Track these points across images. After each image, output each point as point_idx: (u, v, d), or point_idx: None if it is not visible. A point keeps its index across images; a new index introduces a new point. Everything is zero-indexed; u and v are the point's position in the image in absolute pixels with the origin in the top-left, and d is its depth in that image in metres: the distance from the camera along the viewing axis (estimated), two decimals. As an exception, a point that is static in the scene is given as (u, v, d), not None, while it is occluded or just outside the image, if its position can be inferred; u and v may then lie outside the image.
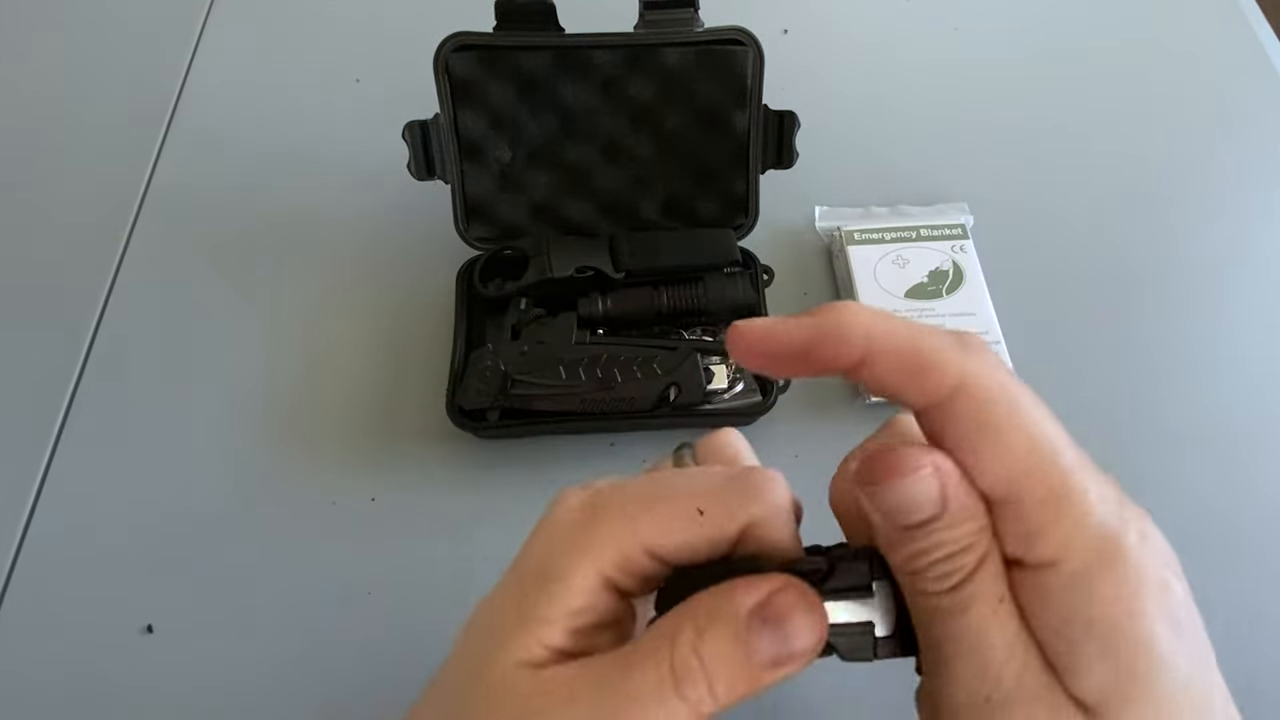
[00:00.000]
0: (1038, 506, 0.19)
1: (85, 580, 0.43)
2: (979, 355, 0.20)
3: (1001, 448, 0.19)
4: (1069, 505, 0.19)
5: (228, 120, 0.60)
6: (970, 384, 0.20)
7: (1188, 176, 0.58)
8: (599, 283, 0.48)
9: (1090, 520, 0.19)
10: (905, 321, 0.21)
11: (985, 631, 0.19)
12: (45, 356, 0.50)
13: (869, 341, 0.20)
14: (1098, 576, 0.19)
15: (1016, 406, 0.20)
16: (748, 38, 0.45)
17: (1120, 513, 0.19)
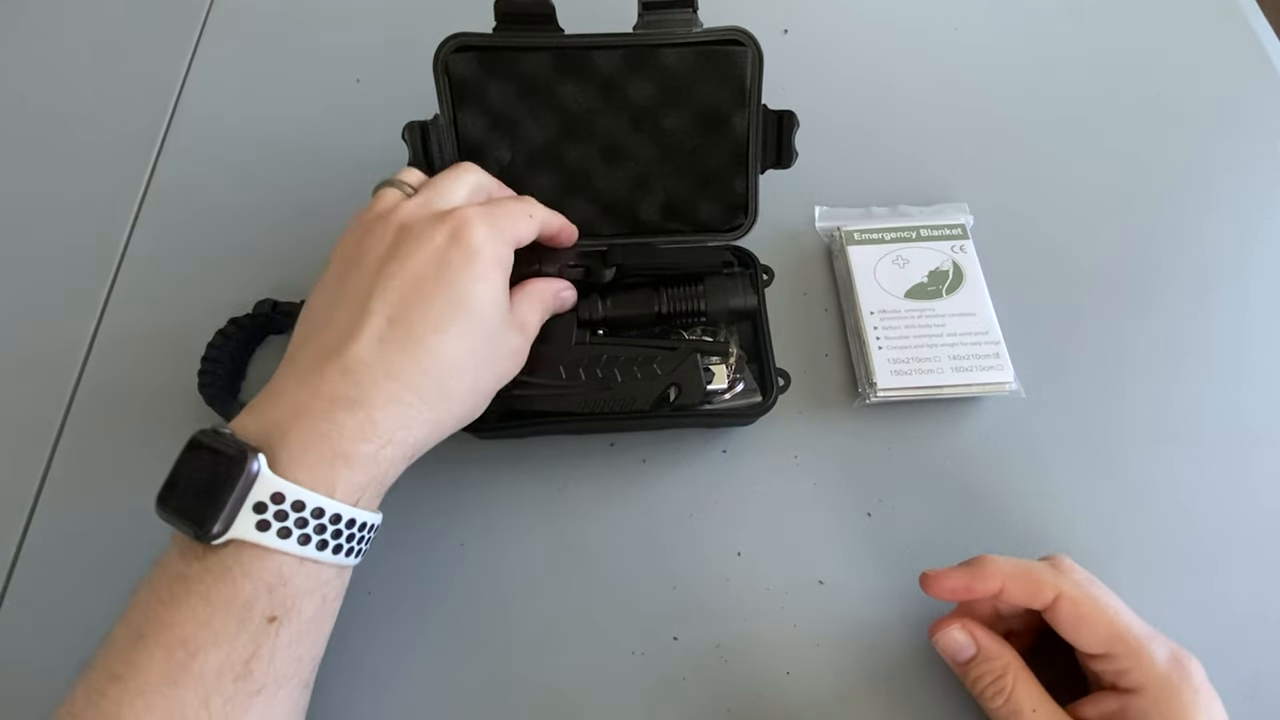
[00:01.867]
0: (1121, 659, 0.35)
1: (86, 580, 0.43)
2: (1068, 574, 0.37)
3: (1091, 627, 0.35)
4: (1139, 658, 0.34)
5: (228, 120, 0.60)
6: (1064, 593, 0.36)
7: (1188, 176, 0.58)
8: (599, 283, 0.48)
9: (1155, 667, 0.34)
10: (1021, 561, 0.37)
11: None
12: (46, 356, 0.50)
13: (1003, 578, 0.36)
14: (1164, 699, 0.34)
15: (1096, 603, 0.36)
16: (747, 38, 0.45)
17: (1170, 657, 0.35)
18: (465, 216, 0.37)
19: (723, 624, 0.42)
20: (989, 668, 0.36)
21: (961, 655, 0.37)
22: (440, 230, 0.36)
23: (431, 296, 0.35)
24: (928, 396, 0.47)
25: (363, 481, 0.33)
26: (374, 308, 0.34)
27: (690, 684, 0.40)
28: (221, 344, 0.48)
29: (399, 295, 0.35)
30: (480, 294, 0.36)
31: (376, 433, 0.33)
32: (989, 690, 0.36)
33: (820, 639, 0.42)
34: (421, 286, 0.35)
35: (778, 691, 0.40)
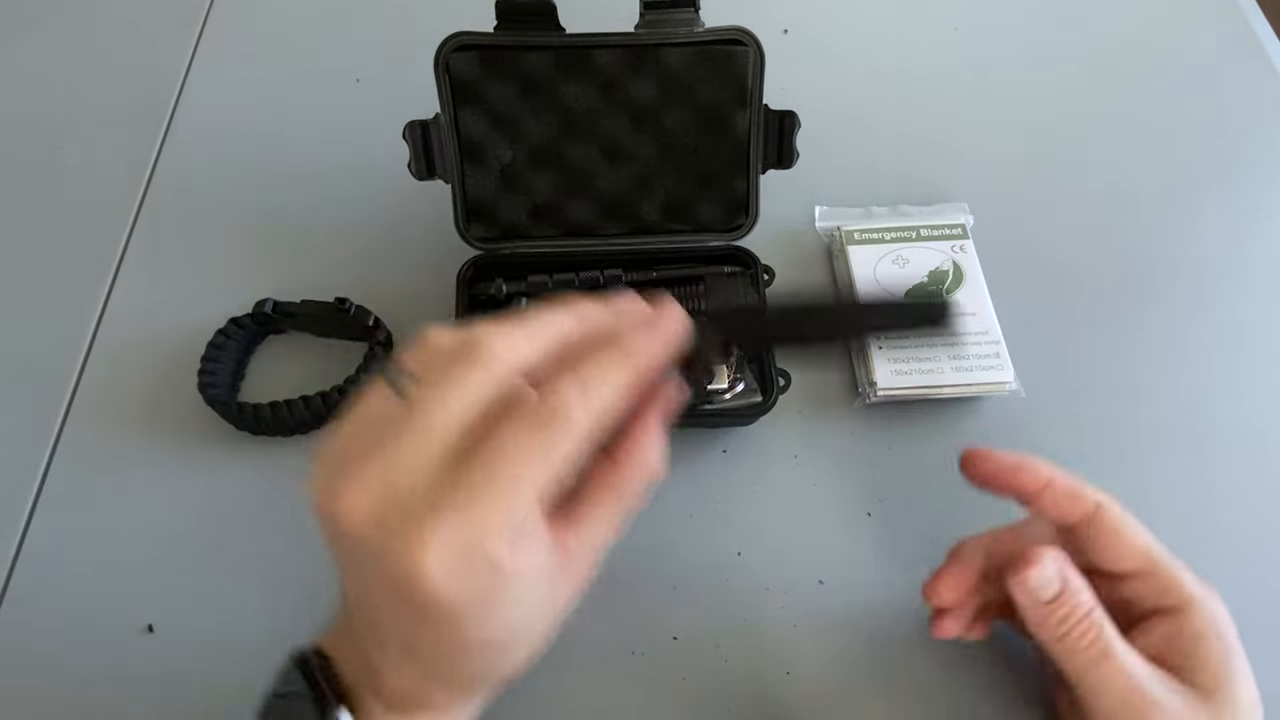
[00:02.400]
0: (1162, 573, 0.33)
1: (85, 580, 0.43)
2: (1102, 492, 0.34)
3: (1130, 539, 0.33)
4: (1178, 570, 0.33)
5: (228, 120, 0.60)
6: (1104, 504, 0.34)
7: (1188, 176, 0.58)
8: (599, 283, 0.48)
9: (1192, 578, 0.33)
10: (1060, 470, 0.34)
11: (1131, 663, 0.31)
12: (46, 356, 0.50)
13: (1051, 477, 0.34)
14: (1211, 609, 0.33)
15: (1130, 518, 0.34)
16: (748, 38, 0.45)
17: (1198, 581, 0.34)
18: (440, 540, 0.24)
19: (723, 624, 0.42)
20: (1077, 604, 0.31)
21: (1048, 591, 0.32)
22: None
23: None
24: (928, 396, 0.47)
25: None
26: (384, 640, 0.28)
27: (690, 684, 0.40)
28: (221, 344, 0.48)
29: (396, 627, 0.27)
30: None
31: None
32: (1076, 631, 0.31)
33: (820, 639, 0.42)
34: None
35: (778, 691, 0.40)
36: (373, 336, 0.48)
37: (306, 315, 0.49)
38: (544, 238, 0.50)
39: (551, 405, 0.25)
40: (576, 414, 0.25)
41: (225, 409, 0.45)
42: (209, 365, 0.47)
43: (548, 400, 0.25)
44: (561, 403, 0.25)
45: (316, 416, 0.46)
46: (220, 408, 0.45)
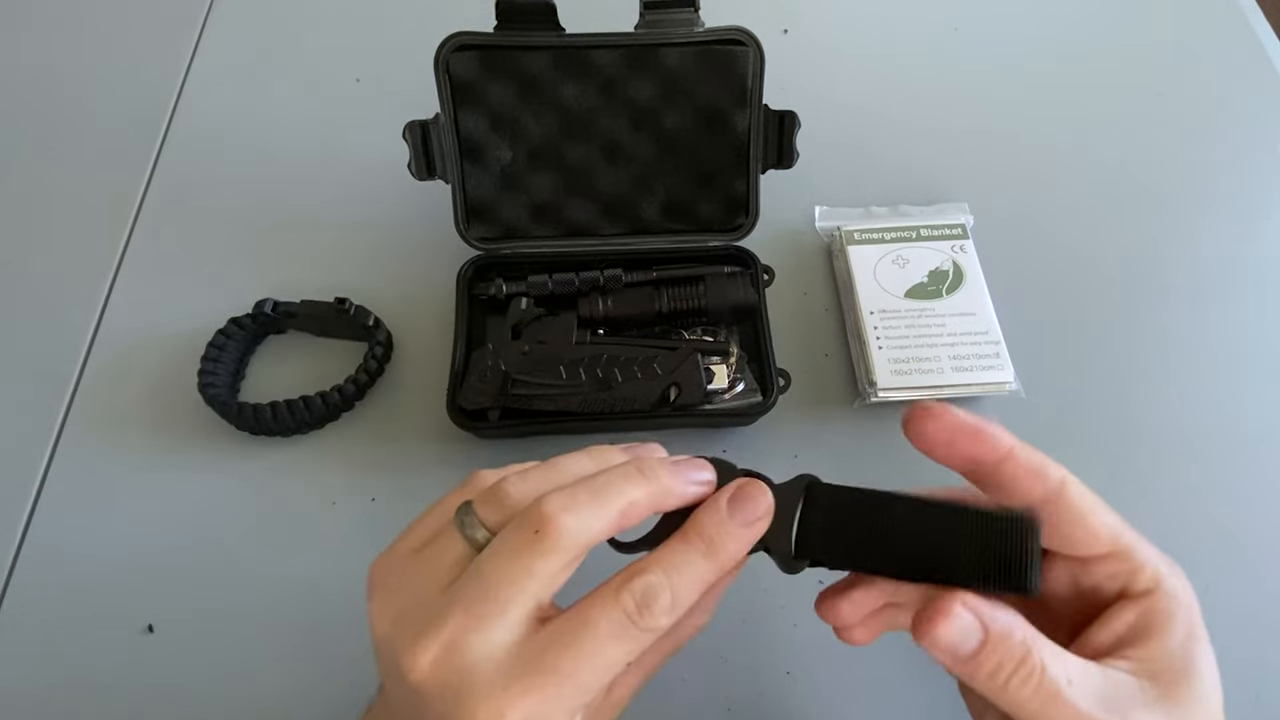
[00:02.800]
0: (1133, 553, 0.29)
1: (85, 580, 0.43)
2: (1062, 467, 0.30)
3: (1100, 518, 0.29)
4: (1147, 549, 0.30)
5: (228, 120, 0.60)
6: (1069, 481, 0.29)
7: (1188, 176, 0.58)
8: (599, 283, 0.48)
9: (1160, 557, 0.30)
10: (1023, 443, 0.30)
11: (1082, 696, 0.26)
12: (46, 356, 0.50)
13: (1012, 447, 0.29)
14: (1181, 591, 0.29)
15: (1095, 496, 0.29)
16: (748, 38, 0.45)
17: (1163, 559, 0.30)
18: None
19: (723, 624, 0.42)
20: (1007, 651, 0.26)
21: (967, 646, 0.26)
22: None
23: None
24: (928, 396, 0.47)
25: None
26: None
27: (690, 684, 0.40)
28: (222, 344, 0.48)
29: None
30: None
31: None
32: (1015, 679, 0.26)
33: (820, 639, 0.42)
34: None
35: (778, 691, 0.40)
36: (373, 336, 0.48)
37: (306, 315, 0.49)
38: (544, 238, 0.50)
39: (636, 606, 0.26)
40: (661, 620, 0.26)
41: (225, 409, 0.45)
42: (209, 365, 0.47)
43: (631, 592, 0.26)
44: (648, 603, 0.26)
45: (316, 416, 0.46)
46: (220, 408, 0.45)
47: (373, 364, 0.47)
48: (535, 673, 0.25)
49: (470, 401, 0.44)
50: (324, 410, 0.46)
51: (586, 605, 0.26)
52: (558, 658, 0.25)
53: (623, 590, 0.26)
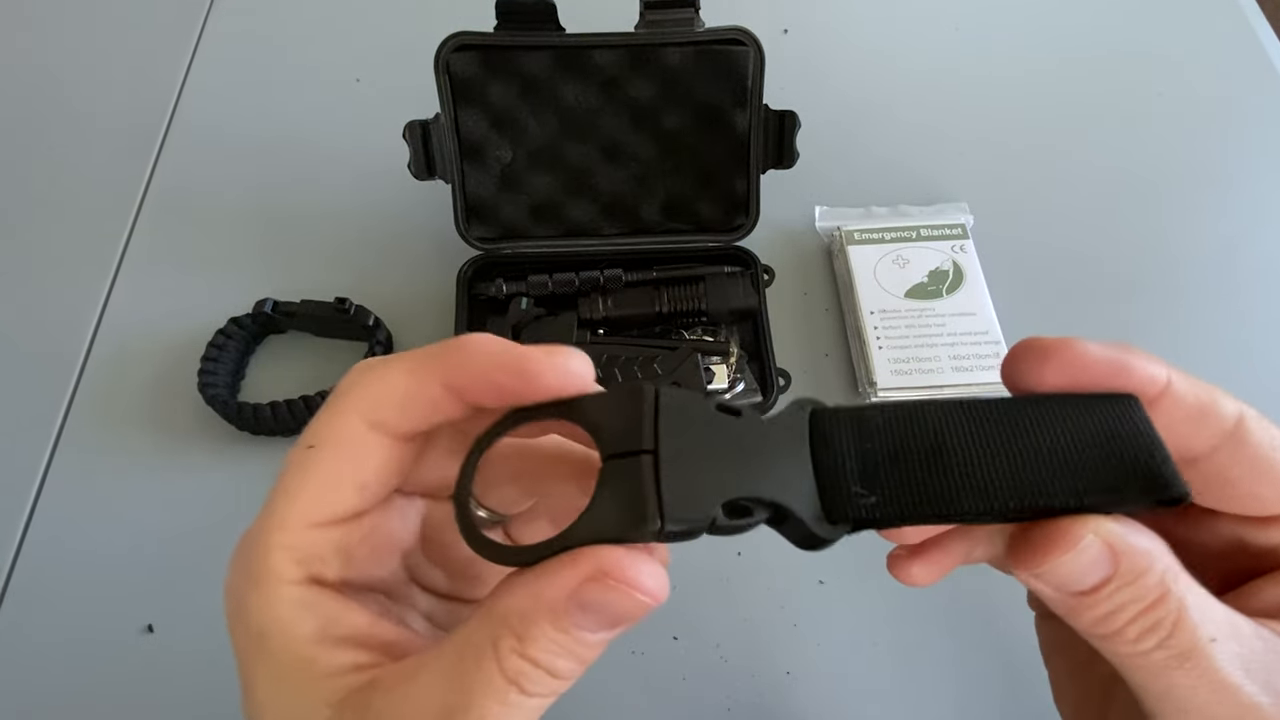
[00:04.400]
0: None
1: (85, 580, 0.43)
2: (1235, 399, 0.22)
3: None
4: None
5: (228, 120, 0.60)
6: (1249, 418, 0.22)
7: (1188, 176, 0.58)
8: (599, 283, 0.48)
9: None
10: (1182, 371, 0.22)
11: (1227, 663, 0.19)
12: (46, 356, 0.50)
13: (1170, 378, 0.21)
14: None
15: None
16: (748, 38, 0.45)
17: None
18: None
19: (723, 624, 0.42)
20: (1136, 592, 0.19)
21: (1086, 580, 0.19)
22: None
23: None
24: (928, 397, 0.47)
25: None
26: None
27: (690, 684, 0.40)
28: (222, 344, 0.48)
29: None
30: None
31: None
32: (1133, 627, 0.19)
33: (820, 639, 0.42)
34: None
35: (778, 691, 0.40)
36: (373, 336, 0.48)
37: (306, 315, 0.49)
38: (544, 238, 0.50)
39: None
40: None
41: (225, 409, 0.45)
42: (209, 365, 0.47)
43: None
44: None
45: (316, 416, 0.46)
46: (220, 408, 0.45)
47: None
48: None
49: (470, 401, 0.44)
50: (324, 410, 0.46)
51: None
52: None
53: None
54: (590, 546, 0.18)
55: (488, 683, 0.18)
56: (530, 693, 0.18)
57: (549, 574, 0.18)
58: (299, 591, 0.20)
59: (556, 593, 0.18)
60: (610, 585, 0.17)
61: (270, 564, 0.20)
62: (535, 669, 0.18)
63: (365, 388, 0.20)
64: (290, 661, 0.19)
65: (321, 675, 0.19)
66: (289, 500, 0.20)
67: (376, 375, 0.20)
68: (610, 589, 0.17)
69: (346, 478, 0.20)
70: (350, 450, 0.20)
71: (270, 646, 0.19)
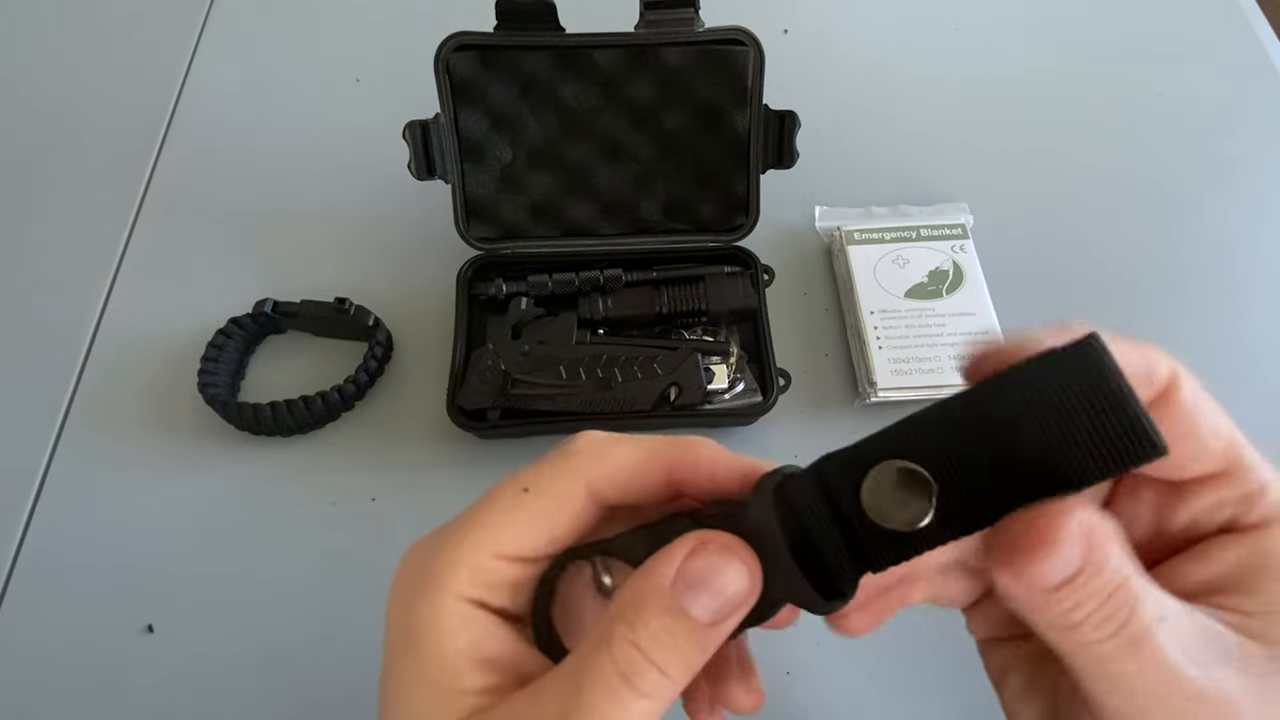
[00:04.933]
0: (1247, 475, 0.21)
1: (85, 580, 0.43)
2: (1171, 358, 0.22)
3: (1212, 430, 0.21)
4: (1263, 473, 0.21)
5: (228, 120, 0.60)
6: (1180, 376, 0.22)
7: (1188, 176, 0.58)
8: (599, 283, 0.48)
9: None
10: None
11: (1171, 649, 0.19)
12: (46, 356, 0.50)
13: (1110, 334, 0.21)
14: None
15: (1209, 397, 0.22)
16: (748, 38, 0.45)
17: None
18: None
19: (723, 624, 0.42)
20: (1100, 583, 0.19)
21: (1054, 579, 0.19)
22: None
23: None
24: (928, 396, 0.47)
25: None
26: None
27: (690, 684, 0.40)
28: (222, 344, 0.48)
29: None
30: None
31: None
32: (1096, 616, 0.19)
33: (820, 639, 0.42)
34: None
35: (778, 691, 0.40)
36: (373, 336, 0.48)
37: (306, 315, 0.49)
38: (544, 238, 0.50)
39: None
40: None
41: (225, 409, 0.45)
42: (209, 365, 0.47)
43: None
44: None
45: (316, 416, 0.46)
46: (220, 408, 0.45)
47: (373, 364, 0.47)
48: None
49: (470, 401, 0.44)
50: (324, 410, 0.46)
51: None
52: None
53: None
54: (692, 531, 0.19)
55: (599, 675, 0.19)
56: (640, 690, 0.19)
57: (656, 560, 0.20)
58: (466, 607, 0.21)
59: (665, 570, 0.19)
60: (712, 550, 0.19)
61: (450, 575, 0.21)
62: (646, 663, 0.19)
63: (597, 457, 0.22)
64: (436, 669, 0.21)
65: (460, 690, 0.20)
66: (485, 529, 0.22)
67: (609, 448, 0.22)
68: (713, 554, 0.19)
69: (545, 528, 0.21)
70: (561, 506, 0.22)
71: (422, 651, 0.21)
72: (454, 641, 0.21)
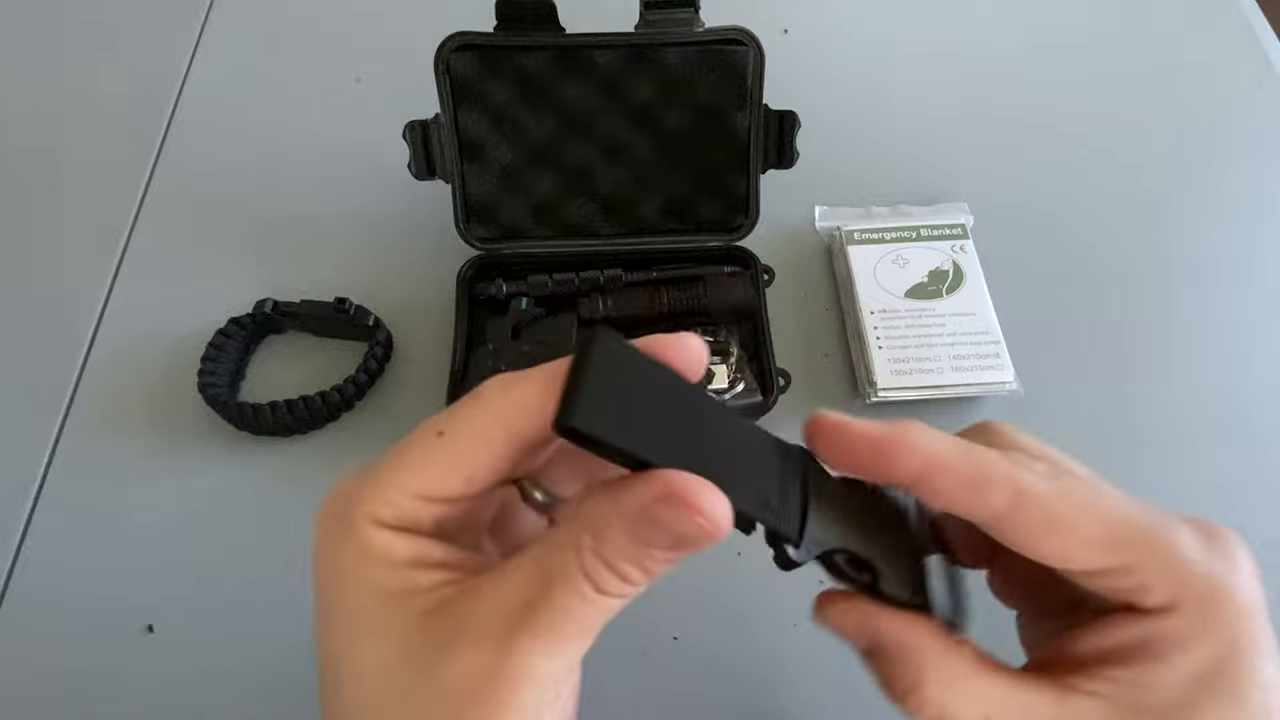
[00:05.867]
0: (1139, 568, 0.22)
1: (85, 580, 0.43)
2: (1025, 467, 0.23)
3: (1078, 536, 0.22)
4: (1165, 559, 0.22)
5: (228, 120, 0.60)
6: (1027, 490, 0.22)
7: (1188, 176, 0.58)
8: (599, 283, 0.48)
9: (1189, 567, 0.22)
10: (960, 441, 0.23)
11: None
12: (46, 356, 0.50)
13: (936, 457, 0.22)
14: (1214, 612, 0.22)
15: (1073, 498, 0.23)
16: (748, 38, 0.45)
17: (1206, 545, 0.23)
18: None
19: (723, 624, 0.42)
20: (895, 671, 0.24)
21: (857, 643, 0.26)
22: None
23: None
24: (928, 396, 0.47)
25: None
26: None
27: (690, 684, 0.40)
28: (221, 344, 0.48)
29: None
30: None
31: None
32: (896, 695, 0.24)
33: (820, 639, 0.42)
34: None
35: (778, 691, 0.40)
36: (373, 336, 0.48)
37: (306, 315, 0.49)
38: (544, 238, 0.50)
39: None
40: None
41: (225, 409, 0.45)
42: (209, 365, 0.47)
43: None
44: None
45: (316, 416, 0.46)
46: (220, 408, 0.45)
47: (373, 364, 0.47)
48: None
49: (470, 401, 0.44)
50: (324, 410, 0.46)
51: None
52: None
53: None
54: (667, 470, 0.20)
55: (564, 573, 0.20)
56: (603, 590, 0.20)
57: (628, 487, 0.20)
58: (395, 532, 0.21)
59: (632, 503, 0.20)
60: (677, 509, 0.19)
61: (372, 509, 0.21)
62: (608, 571, 0.20)
63: (505, 395, 0.22)
64: (387, 581, 0.21)
65: (416, 590, 0.21)
66: (401, 471, 0.22)
67: (517, 384, 0.22)
68: (676, 512, 0.19)
69: (463, 469, 0.21)
70: (476, 447, 0.21)
71: (366, 574, 0.21)
72: (397, 554, 0.21)
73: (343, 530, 0.22)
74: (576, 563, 0.20)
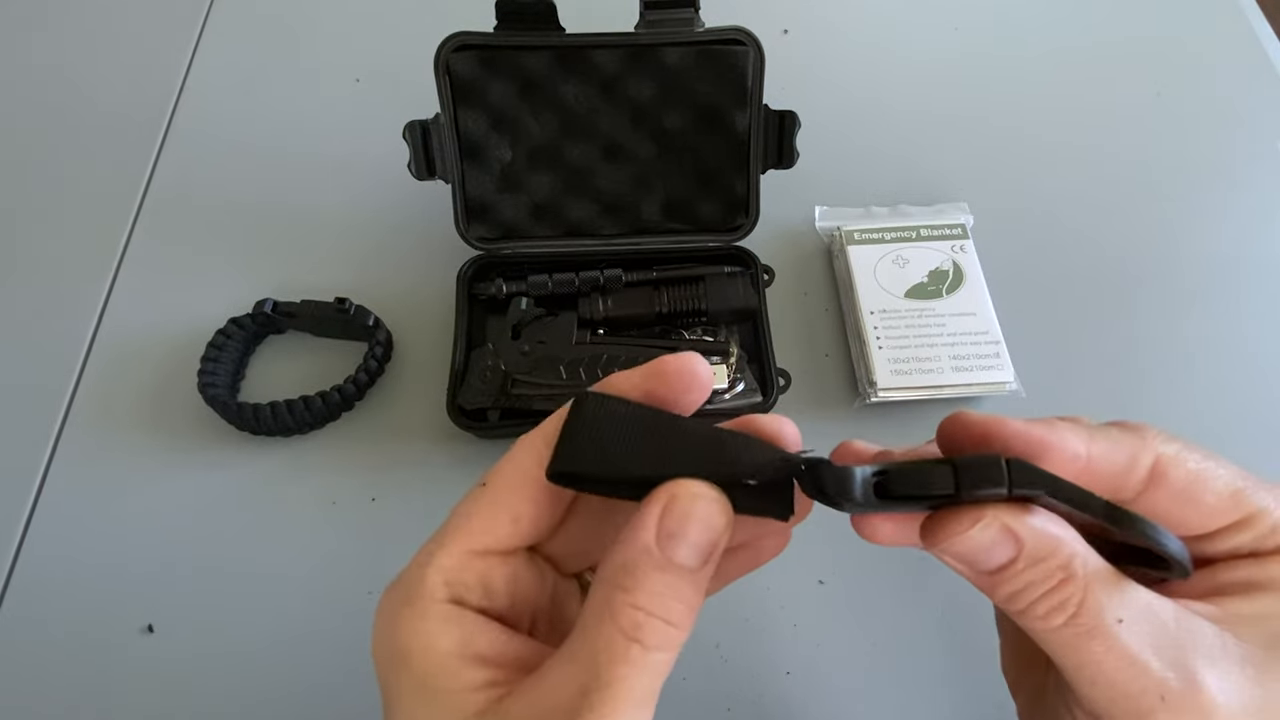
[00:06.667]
0: (1262, 516, 0.24)
1: (85, 580, 0.43)
2: (1156, 435, 0.24)
3: (1214, 489, 0.24)
4: (1275, 505, 0.24)
5: (228, 120, 0.60)
6: (1164, 461, 0.23)
7: (1188, 177, 0.58)
8: (599, 283, 0.48)
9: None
10: (1097, 430, 0.24)
11: (1131, 640, 0.21)
12: (46, 356, 0.50)
13: (1087, 454, 0.23)
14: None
15: (1200, 460, 0.24)
16: (748, 38, 0.45)
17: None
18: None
19: (723, 624, 0.42)
20: (1039, 574, 0.21)
21: (992, 561, 0.22)
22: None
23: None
24: (928, 397, 0.47)
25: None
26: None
27: (690, 684, 0.40)
28: (221, 344, 0.48)
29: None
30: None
31: None
32: (1039, 608, 0.22)
33: (820, 639, 0.42)
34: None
35: (778, 691, 0.40)
36: (373, 336, 0.48)
37: (306, 315, 0.49)
38: (544, 238, 0.50)
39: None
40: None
41: (225, 409, 0.45)
42: (209, 365, 0.47)
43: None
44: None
45: (316, 416, 0.46)
46: (220, 408, 0.45)
47: (373, 364, 0.48)
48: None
49: (470, 401, 0.44)
50: (324, 410, 0.46)
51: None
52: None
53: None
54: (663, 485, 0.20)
55: (610, 646, 0.20)
56: (650, 645, 0.20)
57: (635, 524, 0.20)
58: (446, 608, 0.21)
59: (646, 531, 0.20)
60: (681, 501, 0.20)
61: (426, 584, 0.21)
62: (649, 618, 0.20)
63: (531, 444, 0.23)
64: (431, 674, 0.21)
65: (460, 689, 0.21)
66: (450, 532, 0.22)
67: (536, 436, 0.23)
68: (684, 502, 0.20)
69: (505, 509, 0.22)
70: (515, 486, 0.22)
71: (412, 664, 0.21)
72: (442, 642, 0.21)
73: (399, 604, 0.22)
74: (615, 627, 0.20)
